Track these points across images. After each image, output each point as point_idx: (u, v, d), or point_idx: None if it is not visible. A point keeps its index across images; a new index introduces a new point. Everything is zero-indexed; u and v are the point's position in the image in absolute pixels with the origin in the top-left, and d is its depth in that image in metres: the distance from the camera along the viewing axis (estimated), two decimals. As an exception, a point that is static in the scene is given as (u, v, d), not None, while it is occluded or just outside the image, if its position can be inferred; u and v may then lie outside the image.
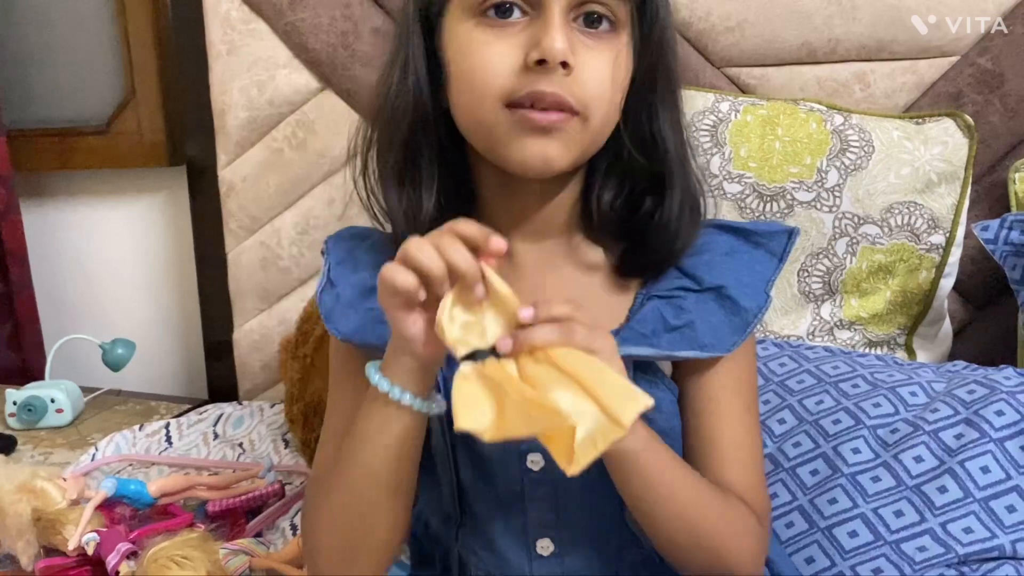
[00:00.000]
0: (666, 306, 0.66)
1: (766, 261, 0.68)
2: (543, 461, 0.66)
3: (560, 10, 0.59)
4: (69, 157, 1.68)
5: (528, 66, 0.58)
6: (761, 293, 0.66)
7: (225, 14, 1.41)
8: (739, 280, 0.66)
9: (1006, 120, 1.14)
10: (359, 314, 0.70)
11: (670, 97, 0.65)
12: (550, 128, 0.59)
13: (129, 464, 1.26)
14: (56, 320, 1.76)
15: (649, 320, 0.65)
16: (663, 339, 0.64)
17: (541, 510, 0.67)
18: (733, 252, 0.67)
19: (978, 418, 0.80)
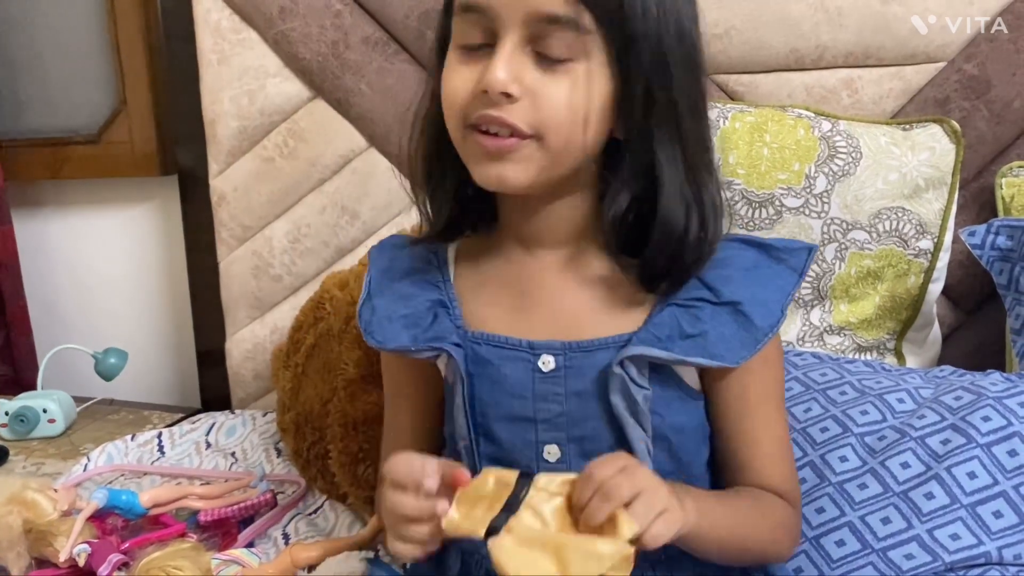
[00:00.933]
0: (683, 314, 0.68)
1: (786, 276, 0.70)
2: (559, 452, 0.70)
3: (512, 41, 0.62)
4: (61, 167, 1.68)
5: (477, 93, 0.63)
6: (776, 311, 0.68)
7: (216, 24, 1.41)
8: (755, 296, 0.68)
9: (992, 126, 1.14)
10: (393, 322, 0.75)
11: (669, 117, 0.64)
12: (500, 152, 0.64)
13: (121, 474, 1.26)
14: (48, 330, 1.76)
15: (666, 325, 0.68)
16: (677, 345, 0.67)
17: None
18: (755, 267, 0.70)
19: (965, 424, 0.81)
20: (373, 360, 1.11)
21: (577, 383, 0.69)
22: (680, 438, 0.70)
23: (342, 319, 1.15)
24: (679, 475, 0.70)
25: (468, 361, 0.71)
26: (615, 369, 0.66)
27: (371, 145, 1.40)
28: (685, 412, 0.70)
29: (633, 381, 0.66)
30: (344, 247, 1.44)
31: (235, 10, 1.41)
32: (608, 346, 0.68)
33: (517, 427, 0.70)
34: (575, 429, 0.69)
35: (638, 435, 0.67)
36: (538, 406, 0.69)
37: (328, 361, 1.15)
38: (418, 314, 0.74)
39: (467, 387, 0.71)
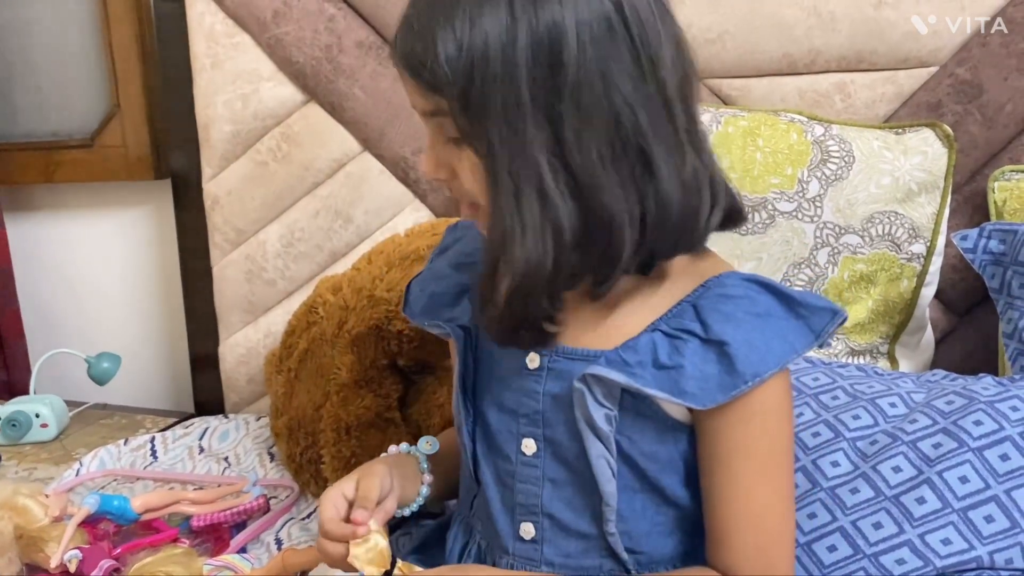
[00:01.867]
0: (664, 342, 0.66)
1: (801, 334, 0.65)
2: (535, 447, 0.71)
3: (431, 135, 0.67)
4: (54, 171, 1.68)
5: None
6: (769, 361, 0.63)
7: (209, 28, 1.41)
8: (749, 342, 0.63)
9: (985, 130, 1.15)
10: (424, 296, 0.81)
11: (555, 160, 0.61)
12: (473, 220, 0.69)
13: (113, 479, 1.26)
14: (41, 334, 1.76)
15: (640, 351, 0.66)
16: (646, 373, 0.65)
17: (528, 494, 0.72)
18: (765, 315, 0.65)
19: (956, 428, 0.81)
20: (366, 365, 1.11)
21: (554, 386, 0.70)
22: (651, 464, 0.68)
23: (335, 324, 1.15)
24: (653, 497, 0.69)
25: (475, 345, 0.76)
26: (576, 384, 0.66)
27: (365, 149, 1.40)
28: (659, 442, 0.68)
29: (596, 399, 0.66)
30: (338, 251, 1.44)
31: (228, 14, 1.41)
32: (585, 358, 0.68)
33: (504, 416, 0.73)
34: (548, 430, 0.70)
35: (598, 451, 0.66)
36: (521, 400, 0.71)
37: (321, 366, 1.14)
38: (446, 293, 0.79)
39: (471, 369, 0.75)
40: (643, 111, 0.61)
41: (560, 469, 0.70)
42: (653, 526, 0.70)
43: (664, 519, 0.70)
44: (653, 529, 0.70)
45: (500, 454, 0.74)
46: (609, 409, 0.66)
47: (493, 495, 0.74)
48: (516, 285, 0.62)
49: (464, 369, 0.75)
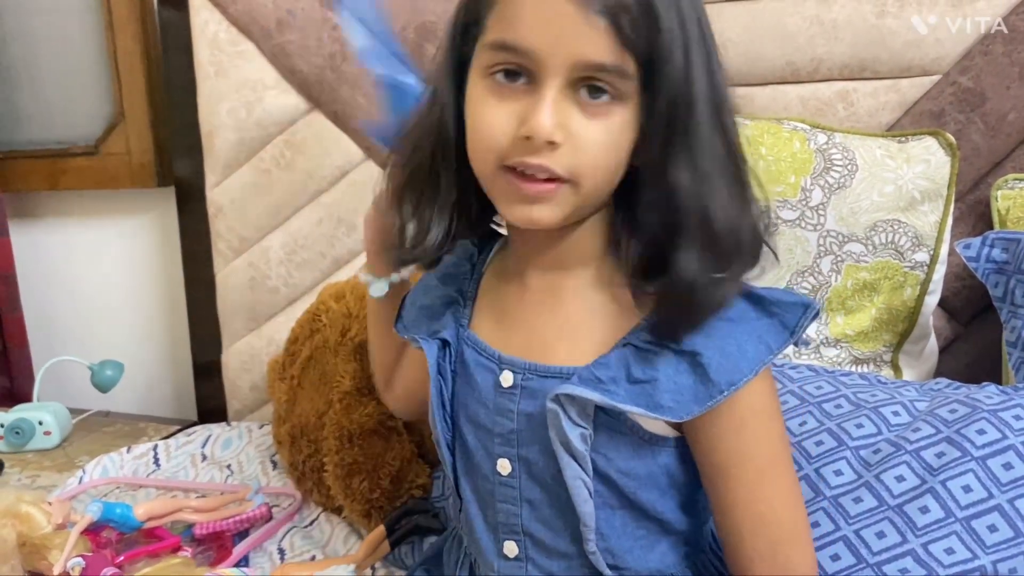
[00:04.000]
0: (636, 356, 0.64)
1: (775, 332, 0.63)
2: (510, 467, 0.70)
3: (555, 86, 0.59)
4: (58, 178, 1.69)
5: (516, 137, 0.60)
6: (744, 368, 0.62)
7: (213, 36, 1.42)
8: (722, 349, 0.62)
9: (987, 138, 1.15)
10: (413, 309, 0.80)
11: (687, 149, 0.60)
12: (537, 197, 0.62)
13: (116, 487, 1.26)
14: (45, 341, 1.76)
15: (612, 366, 0.64)
16: (620, 389, 0.63)
17: (508, 514, 0.71)
18: (737, 319, 0.63)
19: (960, 437, 0.80)
20: (368, 372, 1.11)
21: (528, 405, 0.68)
22: (629, 481, 0.66)
23: (338, 331, 1.15)
24: (632, 513, 0.68)
25: (456, 359, 0.74)
26: (549, 404, 0.64)
27: (368, 157, 1.40)
28: (637, 458, 0.66)
29: (570, 419, 0.64)
30: (340, 259, 1.44)
31: (233, 23, 1.41)
32: (559, 376, 0.66)
33: (480, 434, 0.72)
34: (523, 449, 0.69)
35: (573, 472, 0.64)
36: (495, 419, 0.70)
37: (324, 373, 1.14)
38: (432, 306, 0.77)
39: (449, 383, 0.73)
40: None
41: (536, 489, 0.69)
42: (635, 541, 0.69)
43: (645, 532, 0.69)
44: (635, 544, 0.69)
45: (479, 472, 0.72)
46: (584, 428, 0.64)
47: (475, 512, 0.73)
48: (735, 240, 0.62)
49: (441, 383, 0.73)
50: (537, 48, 0.59)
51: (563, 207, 0.62)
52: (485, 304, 0.75)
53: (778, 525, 0.65)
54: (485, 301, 0.76)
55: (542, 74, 0.59)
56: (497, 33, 0.61)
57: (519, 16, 0.59)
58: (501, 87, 0.62)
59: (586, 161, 0.60)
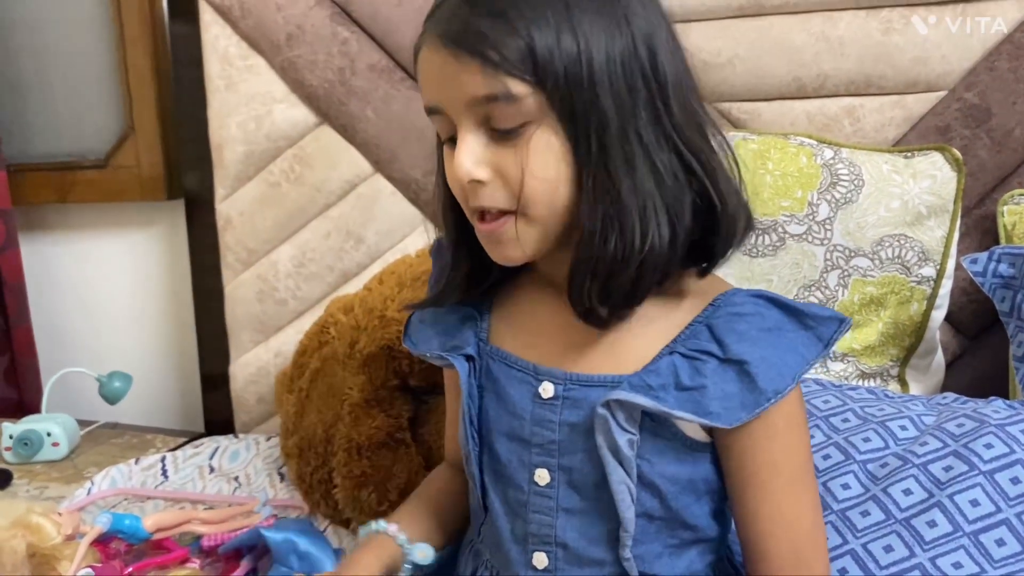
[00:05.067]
0: (685, 364, 0.66)
1: (811, 344, 0.66)
2: (548, 478, 0.70)
3: (467, 129, 0.64)
4: (68, 191, 1.70)
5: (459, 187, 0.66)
6: (787, 376, 0.64)
7: (224, 50, 1.43)
8: (766, 358, 0.64)
9: (993, 154, 1.15)
10: (426, 326, 0.80)
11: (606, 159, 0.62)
12: (494, 235, 0.66)
13: (124, 498, 1.26)
14: (53, 353, 1.77)
15: (662, 374, 0.66)
16: (670, 396, 0.64)
17: (541, 524, 0.71)
18: (777, 329, 0.66)
19: (967, 451, 0.81)
20: (377, 385, 1.12)
21: (571, 415, 0.69)
22: (671, 487, 0.68)
23: (346, 344, 1.16)
24: (669, 522, 0.69)
25: (481, 374, 0.74)
26: (599, 410, 0.65)
27: (376, 171, 1.41)
28: (679, 463, 0.68)
29: (619, 424, 0.65)
30: (349, 272, 1.45)
31: (243, 37, 1.43)
32: (605, 384, 0.67)
33: (514, 446, 0.72)
34: (564, 459, 0.69)
35: (619, 477, 0.66)
36: (534, 430, 0.70)
37: (332, 386, 1.15)
38: (449, 322, 0.78)
39: (476, 398, 0.74)
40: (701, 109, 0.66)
41: (575, 498, 0.70)
42: (665, 547, 0.70)
43: (676, 540, 0.70)
44: (665, 550, 0.70)
45: (511, 484, 0.72)
46: (632, 434, 0.66)
47: (503, 525, 0.74)
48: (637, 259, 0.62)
49: (470, 399, 0.74)
50: (438, 102, 0.64)
51: (526, 239, 0.65)
52: (506, 317, 0.76)
53: (802, 532, 0.67)
54: (505, 314, 0.76)
55: (456, 123, 0.64)
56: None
57: (424, 80, 0.66)
58: (450, 145, 0.67)
59: (524, 188, 0.63)
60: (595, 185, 0.62)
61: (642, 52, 0.62)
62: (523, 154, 0.62)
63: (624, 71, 0.62)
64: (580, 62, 0.60)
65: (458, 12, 0.61)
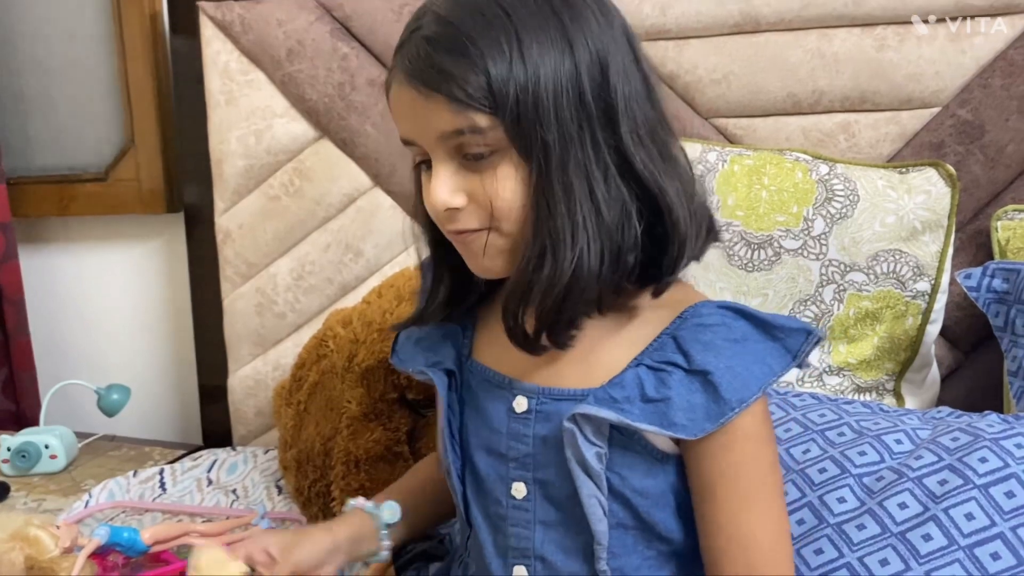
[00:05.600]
0: (650, 376, 0.66)
1: (778, 356, 0.66)
2: (525, 491, 0.71)
3: (440, 160, 0.66)
4: (68, 204, 1.71)
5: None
6: (752, 386, 0.64)
7: (224, 65, 1.44)
8: (731, 368, 0.64)
9: (987, 170, 1.16)
10: (411, 343, 0.81)
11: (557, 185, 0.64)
12: (471, 247, 0.68)
13: (122, 511, 1.26)
14: (52, 365, 1.77)
15: (627, 386, 0.66)
16: (635, 408, 0.65)
17: (520, 537, 0.72)
18: (742, 340, 0.66)
19: (962, 465, 0.81)
20: (375, 398, 1.12)
21: (543, 428, 0.70)
22: (642, 500, 0.68)
23: (345, 357, 1.16)
24: (644, 534, 0.70)
25: (462, 388, 0.76)
26: (566, 424, 0.66)
27: (376, 184, 1.42)
28: (650, 475, 0.68)
29: (586, 438, 0.66)
30: (348, 284, 1.45)
31: (243, 52, 1.44)
32: (574, 398, 0.68)
33: (492, 460, 0.73)
34: (539, 472, 0.71)
35: (589, 491, 0.66)
36: (510, 444, 0.72)
37: (330, 399, 1.15)
38: (434, 338, 0.79)
39: (457, 412, 0.76)
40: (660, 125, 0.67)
41: (551, 511, 0.71)
42: (644, 560, 0.70)
43: (655, 553, 0.70)
44: (644, 563, 0.70)
45: (490, 498, 0.74)
46: (599, 447, 0.66)
47: (485, 538, 0.75)
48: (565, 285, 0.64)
49: (450, 413, 0.75)
50: (412, 135, 0.67)
51: (502, 252, 0.67)
52: (489, 333, 0.77)
53: (758, 551, 0.66)
54: (489, 330, 0.77)
55: (430, 154, 0.67)
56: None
57: (396, 114, 0.68)
58: (425, 171, 0.69)
59: (493, 210, 0.65)
60: (538, 212, 0.64)
61: (587, 79, 0.63)
62: (490, 180, 0.65)
63: (568, 99, 0.63)
64: (528, 92, 0.62)
65: (422, 50, 0.63)
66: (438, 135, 0.64)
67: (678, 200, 0.66)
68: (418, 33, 0.64)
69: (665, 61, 1.26)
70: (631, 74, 0.66)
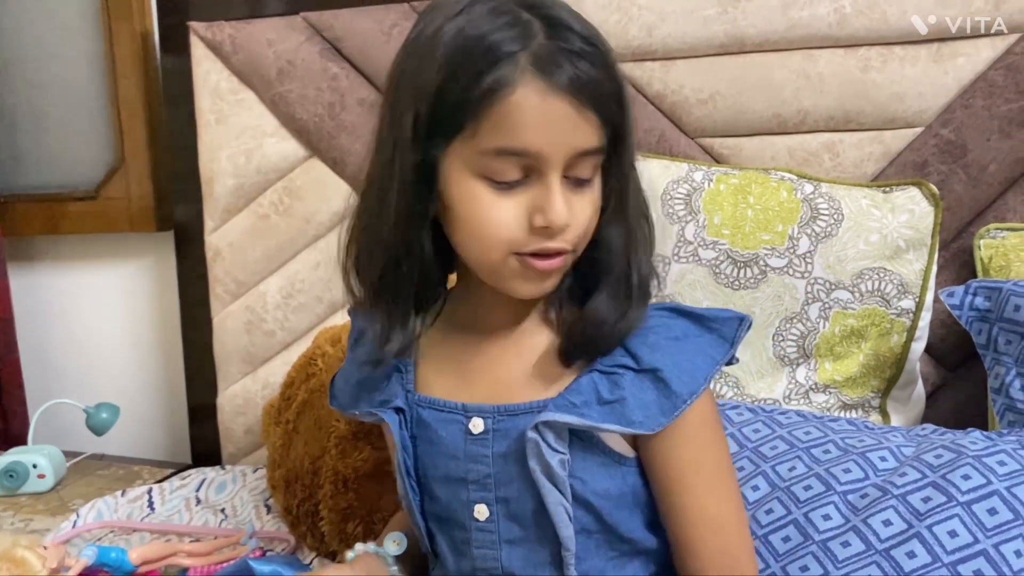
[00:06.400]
0: (603, 380, 0.69)
1: (716, 345, 0.71)
2: (487, 512, 0.73)
3: (558, 177, 0.65)
4: (58, 222, 1.71)
5: (534, 227, 0.65)
6: (699, 378, 0.69)
7: (215, 85, 1.45)
8: (677, 364, 0.69)
9: (969, 189, 1.18)
10: (350, 386, 0.80)
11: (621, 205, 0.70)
12: (553, 271, 0.69)
13: (110, 531, 1.26)
14: (41, 384, 1.77)
15: (583, 391, 0.69)
16: (593, 411, 0.68)
17: (485, 558, 0.73)
18: (683, 337, 0.70)
19: (945, 482, 0.82)
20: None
21: (502, 445, 0.71)
22: (604, 503, 0.71)
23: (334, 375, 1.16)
24: (607, 536, 0.72)
25: (413, 423, 0.76)
26: (529, 434, 0.68)
27: (365, 203, 1.43)
28: (609, 478, 0.71)
29: (549, 446, 0.68)
30: (337, 303, 1.46)
31: (234, 72, 1.45)
32: (531, 411, 0.70)
33: (451, 487, 0.74)
34: (501, 490, 0.72)
35: (555, 499, 0.69)
36: (468, 467, 0.73)
37: (319, 418, 1.15)
38: (374, 378, 0.78)
39: (411, 448, 0.76)
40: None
41: (515, 528, 0.72)
42: (607, 561, 0.72)
43: (616, 552, 0.73)
44: (607, 564, 0.73)
45: (454, 525, 0.75)
46: (562, 453, 0.69)
47: (451, 565, 0.76)
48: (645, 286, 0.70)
49: (404, 451, 0.75)
50: (542, 148, 0.63)
51: (562, 272, 0.70)
52: (433, 362, 0.77)
53: (728, 529, 0.71)
54: (432, 359, 0.77)
55: (545, 168, 0.65)
56: (498, 141, 0.63)
57: (523, 123, 0.63)
58: (503, 187, 0.66)
59: (582, 232, 0.68)
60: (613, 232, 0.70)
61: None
62: (590, 201, 0.68)
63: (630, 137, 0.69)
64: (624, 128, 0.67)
65: (583, 65, 0.62)
66: (576, 152, 0.65)
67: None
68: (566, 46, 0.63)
69: (652, 81, 1.27)
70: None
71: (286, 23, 1.42)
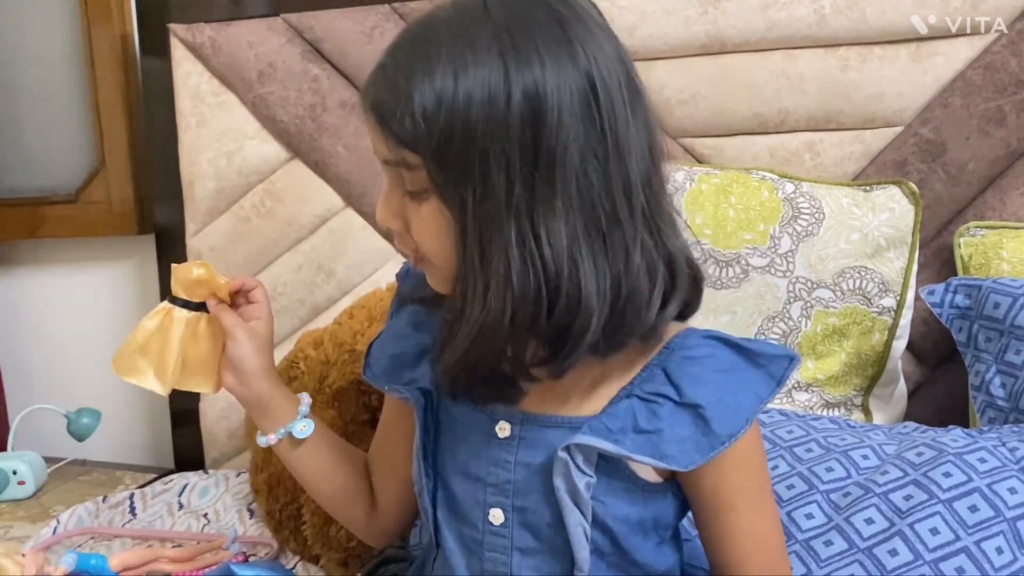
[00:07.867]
0: (642, 408, 0.67)
1: (764, 382, 0.67)
2: (503, 517, 0.70)
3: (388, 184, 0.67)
4: (38, 226, 1.69)
5: None
6: (741, 419, 0.66)
7: (195, 87, 1.44)
8: (721, 401, 0.66)
9: (949, 187, 1.18)
10: (384, 357, 0.80)
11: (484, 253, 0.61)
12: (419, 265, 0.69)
13: (91, 537, 1.25)
14: (21, 389, 1.75)
15: (620, 416, 0.67)
16: (628, 439, 0.66)
17: (496, 563, 0.71)
18: (730, 370, 0.67)
19: (926, 480, 0.82)
20: (347, 420, 1.12)
21: (527, 455, 0.69)
22: (623, 528, 0.69)
23: (316, 379, 1.16)
24: (620, 559, 0.70)
25: (439, 408, 0.75)
26: (560, 453, 0.66)
27: (348, 205, 1.42)
28: (631, 504, 0.69)
29: (578, 467, 0.66)
30: (320, 305, 1.45)
31: (214, 74, 1.44)
32: (562, 426, 0.68)
33: (469, 483, 0.72)
34: (519, 499, 0.70)
35: (576, 519, 0.67)
36: (489, 469, 0.71)
37: (302, 421, 1.15)
38: (407, 354, 0.78)
39: (432, 432, 0.75)
40: (606, 192, 0.61)
41: (529, 538, 0.70)
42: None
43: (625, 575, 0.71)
44: None
45: (465, 522, 0.73)
46: (590, 476, 0.67)
47: (458, 561, 0.74)
48: (471, 342, 0.63)
49: (424, 434, 0.74)
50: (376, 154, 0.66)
51: (440, 278, 0.68)
52: None
53: (771, 546, 0.71)
54: None
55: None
56: None
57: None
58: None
59: (420, 243, 0.66)
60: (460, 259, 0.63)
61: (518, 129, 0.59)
62: (418, 218, 0.64)
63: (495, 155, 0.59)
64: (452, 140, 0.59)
65: (375, 77, 0.64)
66: (382, 160, 0.66)
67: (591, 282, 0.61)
68: (380, 60, 0.64)
69: (633, 82, 1.27)
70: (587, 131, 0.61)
71: (267, 25, 1.41)
